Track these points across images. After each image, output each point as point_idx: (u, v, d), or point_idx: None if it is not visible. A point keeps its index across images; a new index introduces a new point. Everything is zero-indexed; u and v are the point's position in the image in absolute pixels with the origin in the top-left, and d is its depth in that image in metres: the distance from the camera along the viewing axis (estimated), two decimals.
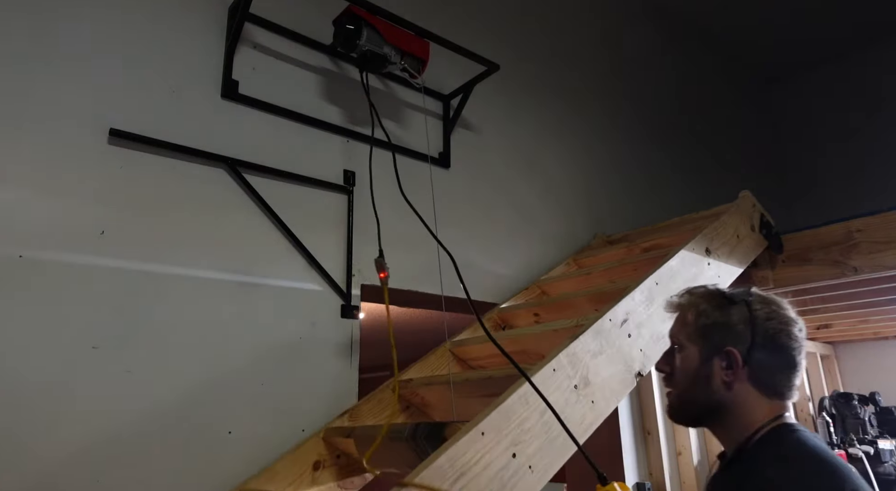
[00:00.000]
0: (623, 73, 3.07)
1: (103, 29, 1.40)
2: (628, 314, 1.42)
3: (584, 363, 1.26)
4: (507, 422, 1.06)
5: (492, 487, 0.98)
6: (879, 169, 3.55)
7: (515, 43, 2.48)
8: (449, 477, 0.94)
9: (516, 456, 1.04)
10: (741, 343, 0.95)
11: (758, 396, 0.94)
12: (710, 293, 1.03)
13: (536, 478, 1.05)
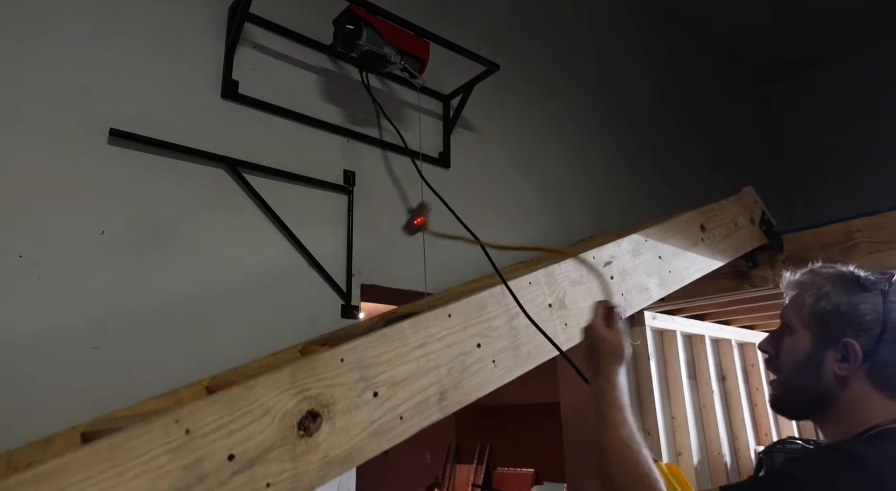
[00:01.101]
0: (623, 73, 3.06)
1: (103, 29, 1.40)
2: (613, 258, 1.42)
3: (562, 287, 1.26)
4: (477, 314, 1.08)
5: (452, 365, 1.00)
6: (879, 169, 3.55)
7: (515, 42, 2.48)
8: (410, 342, 0.97)
9: (481, 347, 1.06)
10: (865, 336, 0.84)
11: (877, 396, 0.84)
12: (839, 275, 0.91)
13: (499, 374, 1.07)
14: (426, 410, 0.96)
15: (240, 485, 0.75)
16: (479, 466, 6.80)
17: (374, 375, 0.92)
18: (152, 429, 0.71)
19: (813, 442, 2.39)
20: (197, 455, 0.73)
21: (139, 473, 0.68)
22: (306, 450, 0.82)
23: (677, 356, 2.51)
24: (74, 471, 0.65)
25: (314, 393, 0.85)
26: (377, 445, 0.89)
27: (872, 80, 3.77)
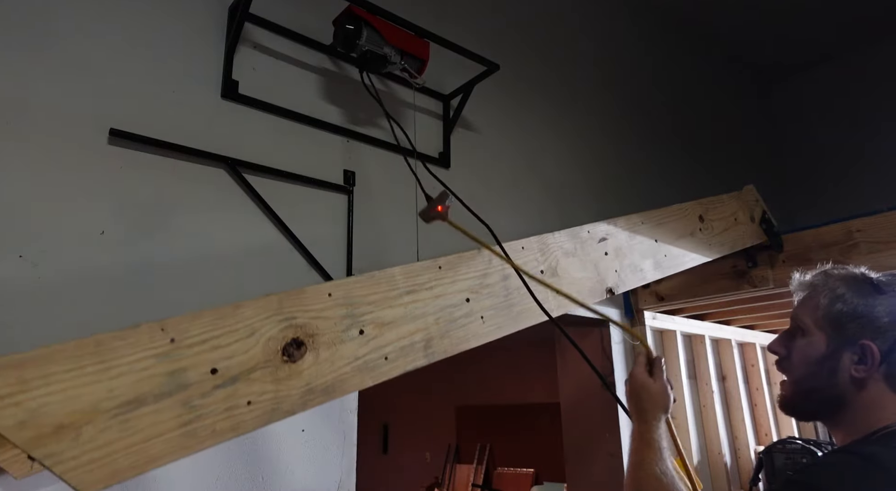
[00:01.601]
0: (623, 73, 3.07)
1: (103, 29, 1.40)
2: (608, 235, 1.44)
3: (555, 256, 1.27)
4: (467, 269, 1.09)
5: (440, 315, 1.02)
6: (879, 169, 3.55)
7: (515, 43, 2.48)
8: (399, 287, 0.99)
9: (470, 301, 1.08)
10: (883, 338, 0.84)
11: (892, 397, 0.84)
12: (853, 277, 0.93)
13: (487, 330, 1.09)
14: (411, 354, 0.98)
15: (221, 398, 0.76)
16: (479, 466, 6.80)
17: (360, 313, 0.93)
18: (139, 332, 0.73)
19: (813, 442, 2.39)
20: (180, 364, 0.74)
21: (123, 372, 0.70)
22: (289, 375, 0.83)
23: (677, 356, 2.51)
24: (60, 360, 0.66)
25: (300, 322, 0.86)
26: (360, 380, 0.91)
27: (873, 80, 3.77)
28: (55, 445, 0.64)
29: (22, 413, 0.63)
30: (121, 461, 0.67)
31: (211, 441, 0.75)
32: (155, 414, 0.71)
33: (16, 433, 0.62)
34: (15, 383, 0.63)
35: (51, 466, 0.63)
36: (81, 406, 0.66)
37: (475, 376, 7.10)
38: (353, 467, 1.52)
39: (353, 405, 1.56)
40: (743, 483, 2.56)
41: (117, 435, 0.68)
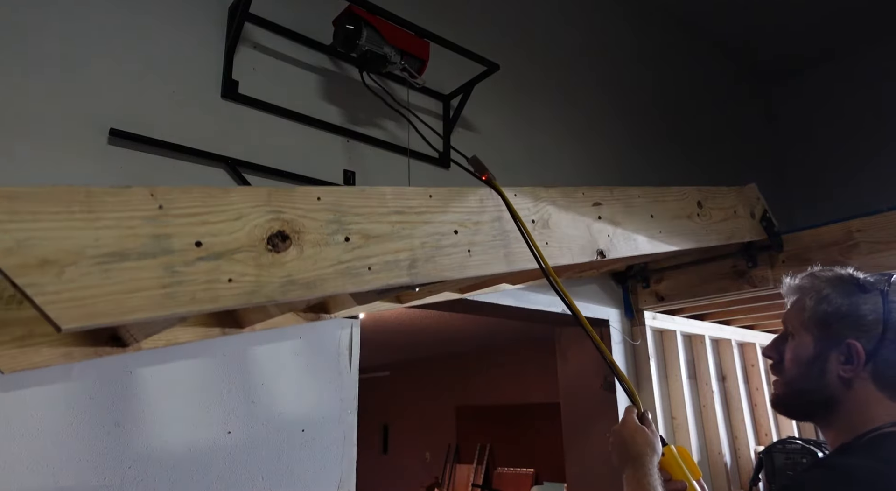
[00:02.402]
0: (623, 73, 3.07)
1: (103, 29, 1.40)
2: (603, 201, 1.45)
3: (547, 210, 1.29)
4: (458, 203, 1.11)
5: (427, 240, 1.03)
6: (880, 169, 3.55)
7: (515, 42, 2.48)
8: (389, 205, 1.01)
9: (458, 233, 1.09)
10: (867, 337, 0.85)
11: (880, 397, 0.84)
12: (838, 277, 0.92)
13: (473, 263, 1.10)
14: (395, 271, 0.99)
15: (203, 270, 0.77)
16: (479, 466, 6.81)
17: (348, 221, 0.95)
18: (130, 193, 0.77)
19: (813, 442, 2.39)
20: (166, 231, 0.76)
21: (110, 225, 0.72)
22: (272, 263, 0.84)
23: (677, 356, 2.51)
24: (50, 201, 0.69)
25: (287, 217, 0.88)
26: (342, 284, 0.91)
27: (873, 80, 3.77)
28: (39, 277, 0.65)
29: (10, 240, 0.65)
30: (100, 306, 0.69)
31: (190, 307, 0.76)
32: (137, 270, 0.72)
33: (4, 259, 0.64)
34: (5, 212, 0.66)
35: (32, 296, 0.64)
36: (67, 247, 0.68)
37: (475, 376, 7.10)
38: (353, 467, 1.52)
39: (353, 405, 1.56)
40: (743, 483, 2.56)
41: (99, 281, 0.69)
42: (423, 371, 7.77)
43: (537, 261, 1.14)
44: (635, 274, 2.46)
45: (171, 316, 0.76)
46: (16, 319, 1.05)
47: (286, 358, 1.48)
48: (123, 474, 1.19)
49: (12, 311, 1.05)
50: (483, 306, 2.01)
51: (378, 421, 8.14)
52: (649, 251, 1.56)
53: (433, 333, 5.70)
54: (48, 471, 1.12)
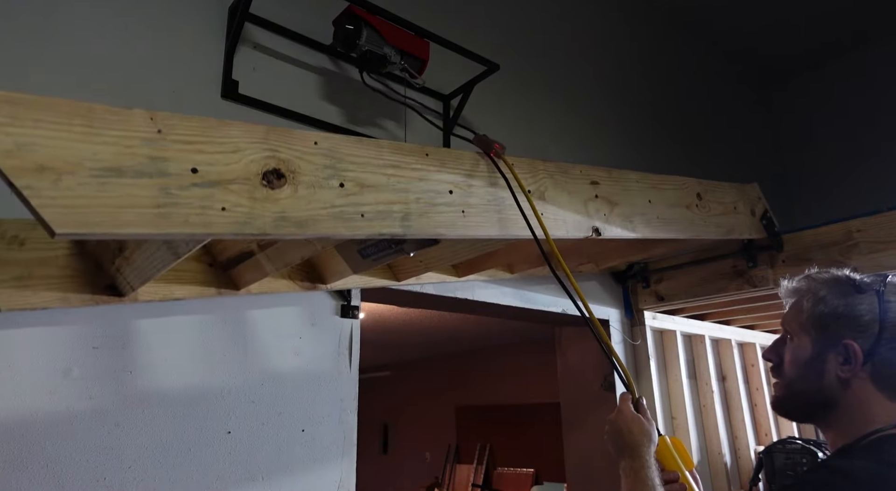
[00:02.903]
0: (623, 73, 3.07)
1: (103, 29, 1.40)
2: (600, 180, 1.45)
3: (545, 183, 1.30)
4: (455, 164, 1.13)
5: (421, 196, 1.04)
6: (880, 169, 3.55)
7: (515, 42, 2.48)
8: (385, 158, 1.02)
9: (453, 193, 1.11)
10: (864, 337, 0.85)
11: (879, 398, 0.84)
12: (834, 279, 0.93)
13: (467, 223, 1.11)
14: (388, 221, 1.00)
15: (197, 196, 0.78)
16: (479, 466, 6.80)
17: (343, 168, 0.96)
18: (130, 114, 0.77)
19: (813, 442, 2.39)
20: (163, 154, 0.77)
21: (108, 142, 0.74)
22: (266, 198, 0.85)
23: (677, 356, 2.51)
24: (51, 112, 0.70)
25: (283, 157, 0.89)
26: (334, 226, 0.92)
27: (873, 80, 3.77)
28: (36, 181, 0.67)
29: (10, 143, 0.66)
30: (94, 216, 0.70)
31: (182, 229, 0.77)
32: (133, 187, 0.73)
33: (4, 159, 0.65)
34: (7, 116, 0.66)
35: (29, 197, 0.66)
36: (65, 156, 0.69)
37: (475, 376, 7.10)
38: (353, 467, 1.52)
39: (353, 405, 1.56)
40: (743, 483, 2.56)
41: (95, 193, 0.71)
42: (423, 371, 7.77)
43: (536, 240, 1.15)
44: (635, 274, 2.46)
45: (163, 236, 0.77)
46: (15, 259, 1.07)
47: (286, 358, 1.48)
48: (123, 474, 1.19)
49: (13, 251, 1.07)
50: (483, 306, 2.01)
51: (378, 421, 8.14)
52: (646, 236, 1.56)
53: (433, 333, 5.70)
54: (48, 471, 1.12)
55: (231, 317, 1.42)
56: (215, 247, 1.30)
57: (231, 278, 1.34)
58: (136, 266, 1.07)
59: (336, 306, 1.60)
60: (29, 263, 1.08)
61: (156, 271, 1.03)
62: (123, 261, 1.09)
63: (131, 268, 1.09)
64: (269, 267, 1.22)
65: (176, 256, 0.96)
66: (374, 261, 1.28)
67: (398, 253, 1.20)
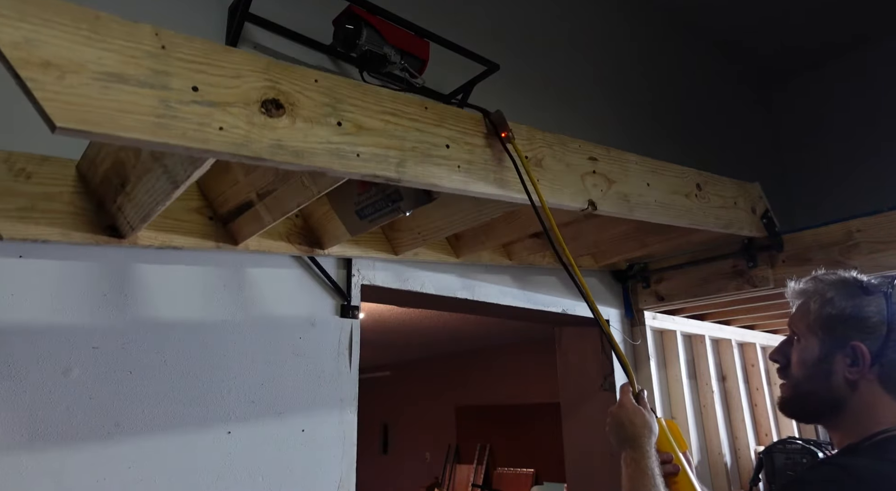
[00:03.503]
0: (623, 73, 3.07)
1: None
2: (598, 157, 1.47)
3: (542, 151, 1.32)
4: (454, 122, 1.15)
5: (417, 146, 1.07)
6: (880, 169, 3.55)
7: (515, 42, 2.48)
8: (385, 105, 1.04)
9: (450, 148, 1.12)
10: (872, 338, 0.85)
11: (887, 400, 0.85)
12: (841, 280, 0.93)
13: (462, 178, 1.13)
14: (384, 164, 1.01)
15: (196, 112, 0.80)
16: (479, 466, 6.81)
17: (342, 108, 0.97)
18: (136, 27, 0.80)
19: (813, 442, 2.39)
20: (166, 69, 0.79)
21: (113, 49, 0.75)
22: (263, 125, 0.87)
23: (677, 356, 2.51)
24: (59, 13, 0.71)
25: (284, 89, 0.90)
26: (329, 161, 0.94)
27: (873, 80, 3.77)
28: (41, 75, 0.68)
29: (18, 36, 0.67)
30: (95, 116, 0.71)
31: (179, 141, 0.78)
32: (134, 95, 0.75)
33: (10, 50, 0.66)
34: (16, 11, 0.68)
35: (32, 89, 0.67)
36: (70, 56, 0.71)
37: (475, 376, 7.10)
38: (353, 467, 1.52)
39: (353, 405, 1.56)
40: (743, 483, 2.56)
41: (97, 94, 0.72)
42: (423, 371, 7.77)
43: (533, 206, 1.15)
44: (635, 274, 2.46)
45: (161, 146, 0.78)
46: (21, 191, 1.10)
47: (286, 358, 1.48)
48: (123, 474, 1.19)
49: (19, 183, 1.10)
50: (483, 306, 2.01)
51: (378, 421, 8.14)
52: (643, 217, 1.56)
53: (433, 333, 5.70)
54: (47, 473, 1.12)
55: (231, 317, 1.41)
56: (216, 199, 1.32)
57: (230, 232, 1.35)
58: (137, 202, 1.08)
59: (336, 306, 1.60)
60: (34, 196, 1.11)
61: (156, 205, 1.05)
62: (125, 198, 1.11)
63: (132, 204, 1.10)
64: (268, 218, 1.23)
65: (175, 185, 0.98)
66: (370, 221, 1.28)
67: (394, 212, 1.21)
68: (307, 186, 1.11)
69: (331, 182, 1.07)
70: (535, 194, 1.17)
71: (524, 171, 1.17)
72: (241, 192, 1.25)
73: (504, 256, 1.99)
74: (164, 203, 1.03)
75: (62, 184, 1.15)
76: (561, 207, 1.34)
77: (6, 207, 1.08)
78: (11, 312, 1.14)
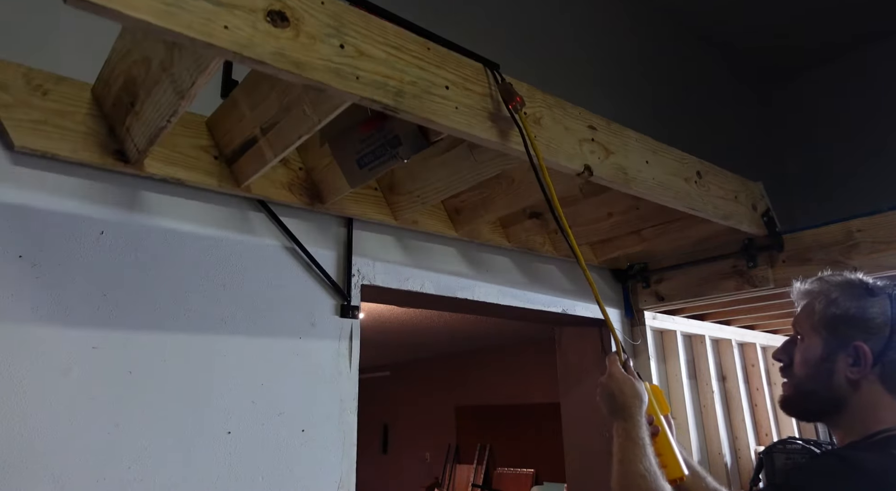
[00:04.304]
0: (623, 73, 3.07)
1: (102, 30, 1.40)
2: (599, 128, 1.51)
3: (541, 110, 1.36)
4: (454, 67, 1.20)
5: (417, 82, 1.11)
6: (880, 168, 3.55)
7: (515, 42, 2.48)
8: (389, 36, 1.08)
9: (449, 89, 1.17)
10: (874, 339, 0.86)
11: (888, 399, 0.86)
12: (847, 281, 0.94)
13: (459, 118, 1.17)
14: (382, 91, 1.04)
15: (203, 9, 0.84)
16: (479, 466, 6.81)
17: (346, 33, 1.00)
18: None
19: (813, 442, 2.39)
20: None
21: None
22: (267, 32, 0.90)
23: (677, 356, 2.51)
24: None
25: (290, 4, 0.94)
26: (328, 78, 0.97)
27: (874, 80, 3.77)
28: None
29: None
30: None
31: (184, 30, 0.81)
32: None
33: None
34: None
35: None
36: None
37: (475, 376, 7.10)
38: (353, 467, 1.52)
39: (353, 406, 1.56)
40: (743, 483, 2.56)
41: None
42: (423, 371, 7.77)
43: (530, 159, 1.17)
44: (635, 274, 2.46)
45: (165, 32, 0.81)
46: (37, 105, 1.17)
47: (286, 358, 1.48)
48: (123, 474, 1.19)
49: (36, 98, 1.17)
50: (483, 306, 2.01)
51: (378, 421, 8.14)
52: (640, 193, 1.56)
53: (433, 333, 5.70)
54: (47, 473, 1.12)
55: (231, 316, 1.41)
56: (222, 139, 1.37)
57: (234, 173, 1.39)
58: (145, 119, 1.13)
59: (336, 306, 1.60)
60: (48, 112, 1.18)
61: (163, 121, 1.08)
62: (134, 118, 1.16)
63: (140, 123, 1.15)
64: (269, 154, 1.26)
65: (180, 96, 1.01)
66: (370, 170, 1.31)
67: (393, 159, 1.24)
68: (308, 115, 1.13)
69: (331, 109, 1.09)
70: (534, 152, 1.19)
71: (523, 125, 1.20)
72: (245, 128, 1.29)
73: (503, 237, 1.99)
74: (170, 120, 1.07)
75: (76, 104, 1.21)
76: (557, 167, 1.35)
77: (21, 118, 1.14)
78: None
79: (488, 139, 1.22)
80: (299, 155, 1.55)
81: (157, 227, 1.36)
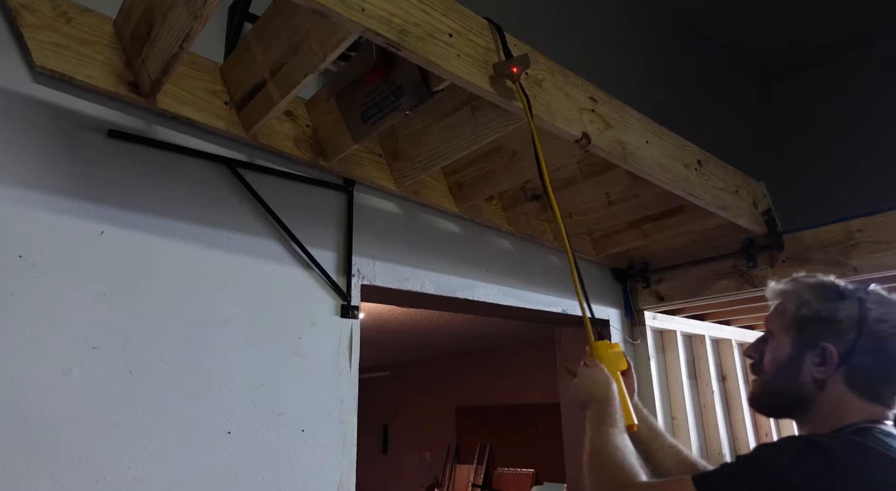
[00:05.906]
0: (622, 73, 3.06)
1: None
2: (600, 101, 1.53)
3: (543, 72, 1.39)
4: (457, 17, 1.21)
5: (420, 23, 1.14)
6: (880, 168, 3.55)
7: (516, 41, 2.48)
8: (395, 26, 1.08)
9: (453, 37, 1.20)
10: (841, 341, 0.89)
11: (852, 398, 0.88)
12: (819, 284, 0.96)
13: (461, 66, 1.19)
14: (386, 25, 1.06)
15: None
16: (479, 466, 6.81)
17: None
18: None
19: None
20: None
21: None
22: None
23: (677, 356, 2.51)
24: None
25: None
26: (334, 3, 0.98)
27: (874, 79, 3.77)
28: None
29: None
30: None
31: None
32: None
33: None
34: None
35: None
36: None
37: (475, 376, 7.11)
38: (353, 467, 1.52)
39: (353, 406, 1.56)
40: None
41: None
42: (423, 371, 7.77)
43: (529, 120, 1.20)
44: (635, 274, 2.46)
45: None
46: (60, 30, 1.21)
47: (286, 358, 1.48)
48: (123, 474, 1.19)
49: (60, 23, 1.21)
50: (483, 306, 2.01)
51: (378, 421, 8.14)
52: (637, 169, 1.56)
53: (433, 333, 5.70)
54: (47, 473, 1.12)
55: (231, 316, 1.41)
56: (233, 84, 1.41)
57: (242, 119, 1.42)
58: (159, 47, 1.16)
59: (336, 306, 1.60)
60: (70, 37, 1.22)
61: (175, 46, 1.11)
62: (149, 47, 1.20)
63: (155, 51, 1.18)
64: (276, 96, 1.29)
65: (194, 17, 1.02)
66: (373, 125, 1.34)
67: (396, 111, 1.27)
68: (315, 51, 1.16)
69: (336, 43, 1.11)
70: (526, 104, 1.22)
71: (520, 94, 1.23)
72: (256, 72, 1.32)
73: (504, 220, 1.99)
74: (182, 45, 1.09)
75: (97, 35, 1.26)
76: (554, 130, 1.36)
77: (43, 40, 1.19)
78: None
79: (488, 91, 1.24)
80: (307, 112, 1.57)
81: (157, 225, 1.35)
